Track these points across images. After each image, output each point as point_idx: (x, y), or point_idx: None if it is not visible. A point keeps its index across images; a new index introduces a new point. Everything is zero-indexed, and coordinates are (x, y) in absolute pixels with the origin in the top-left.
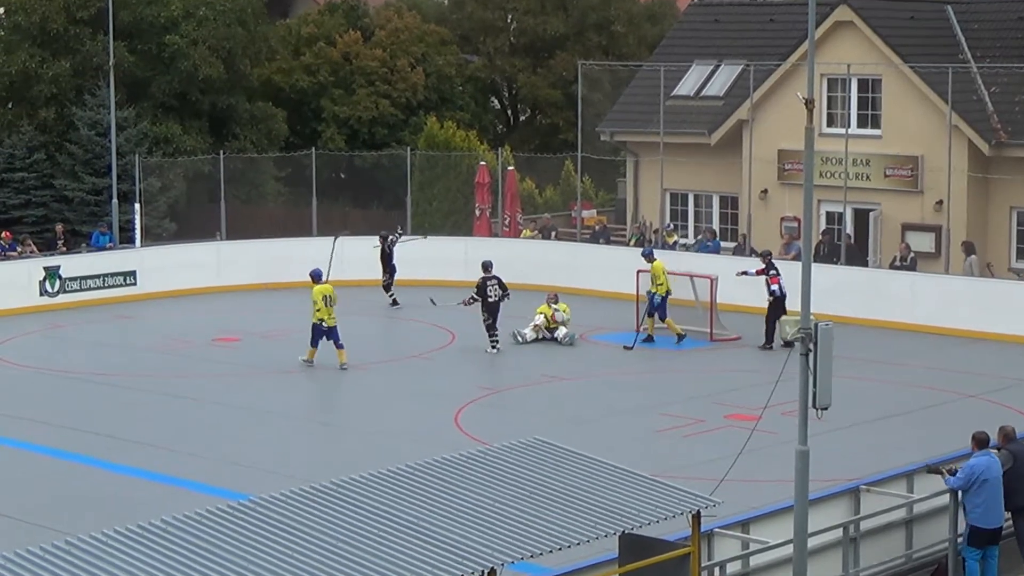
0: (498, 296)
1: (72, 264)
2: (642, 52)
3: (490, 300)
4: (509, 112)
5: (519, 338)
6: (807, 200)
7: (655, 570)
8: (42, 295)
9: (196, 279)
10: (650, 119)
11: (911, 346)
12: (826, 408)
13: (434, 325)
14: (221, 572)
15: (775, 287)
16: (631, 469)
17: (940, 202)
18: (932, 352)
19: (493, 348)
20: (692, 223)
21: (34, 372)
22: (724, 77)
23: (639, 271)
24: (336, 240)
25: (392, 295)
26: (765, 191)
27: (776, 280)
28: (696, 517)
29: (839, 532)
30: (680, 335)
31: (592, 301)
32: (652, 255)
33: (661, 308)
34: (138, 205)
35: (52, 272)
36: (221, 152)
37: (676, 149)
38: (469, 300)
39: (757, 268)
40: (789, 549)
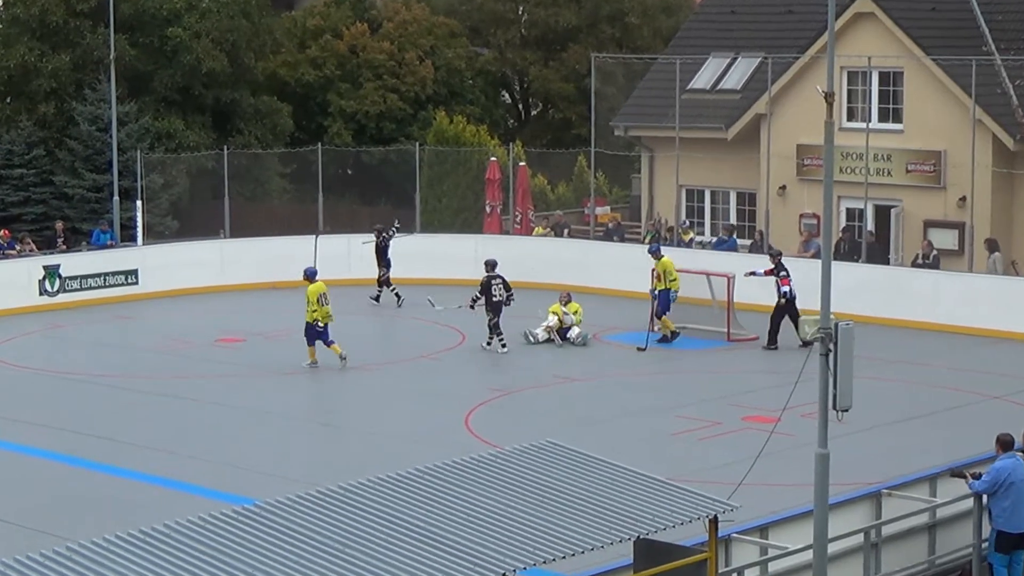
0: (503, 296)
1: (72, 263)
2: (657, 44)
3: (495, 299)
4: (520, 106)
5: (531, 338)
6: (827, 196)
7: None
8: (42, 295)
9: (199, 278)
10: (665, 113)
11: (934, 346)
12: (846, 410)
13: (444, 325)
14: None
15: (785, 288)
16: (646, 473)
17: (963, 198)
18: (955, 352)
19: (502, 348)
20: (708, 220)
21: (33, 373)
22: (741, 70)
23: (653, 269)
24: (317, 239)
25: (394, 290)
26: (783, 187)
27: (787, 281)
28: (713, 522)
29: (860, 537)
30: (674, 332)
31: (605, 300)
32: (659, 251)
33: (663, 303)
34: (140, 202)
35: (52, 271)
36: (225, 148)
37: (692, 144)
38: (472, 301)
39: (766, 268)
40: (809, 555)
